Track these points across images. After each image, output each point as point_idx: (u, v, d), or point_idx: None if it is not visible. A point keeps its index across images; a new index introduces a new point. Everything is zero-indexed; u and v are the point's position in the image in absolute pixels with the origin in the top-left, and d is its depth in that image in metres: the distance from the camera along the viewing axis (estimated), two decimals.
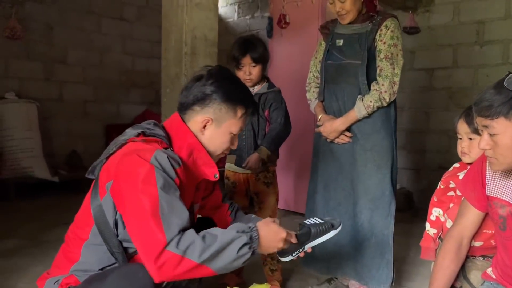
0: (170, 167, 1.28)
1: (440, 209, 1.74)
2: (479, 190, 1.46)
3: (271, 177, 2.39)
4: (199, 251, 1.17)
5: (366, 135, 2.10)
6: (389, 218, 2.10)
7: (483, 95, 1.26)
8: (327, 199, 2.22)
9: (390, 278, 2.10)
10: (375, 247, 2.09)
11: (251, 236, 1.26)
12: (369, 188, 2.10)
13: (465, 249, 1.53)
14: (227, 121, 1.45)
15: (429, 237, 1.78)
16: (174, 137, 1.43)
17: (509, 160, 1.26)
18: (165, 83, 2.62)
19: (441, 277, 1.48)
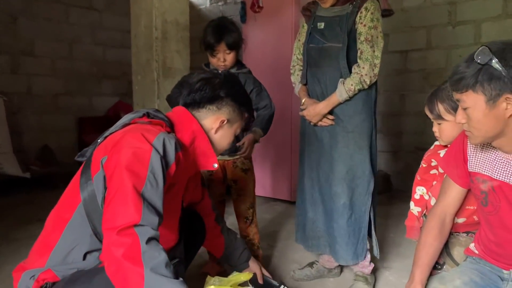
0: (172, 149, 1.27)
1: (424, 187, 1.72)
2: (461, 167, 1.45)
3: (248, 164, 2.36)
4: (157, 266, 1.08)
5: (348, 117, 2.11)
6: (367, 196, 2.14)
7: (455, 68, 1.26)
8: (314, 180, 2.24)
9: (365, 252, 2.14)
10: (355, 222, 2.13)
11: None
12: (351, 168, 2.12)
13: (448, 226, 1.51)
14: (236, 122, 1.57)
15: (413, 216, 1.76)
16: (177, 124, 1.45)
17: (483, 133, 1.25)
18: (136, 70, 2.54)
19: (425, 254, 1.46)
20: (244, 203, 2.40)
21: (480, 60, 1.19)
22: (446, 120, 1.62)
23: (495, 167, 1.34)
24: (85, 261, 1.28)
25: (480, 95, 1.20)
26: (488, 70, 1.18)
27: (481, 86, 1.19)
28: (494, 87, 1.18)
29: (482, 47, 1.20)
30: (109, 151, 1.23)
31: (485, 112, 1.21)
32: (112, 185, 1.16)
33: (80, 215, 1.26)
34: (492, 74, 1.18)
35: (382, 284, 2.29)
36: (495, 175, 1.34)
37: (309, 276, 2.33)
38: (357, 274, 2.24)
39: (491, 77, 1.18)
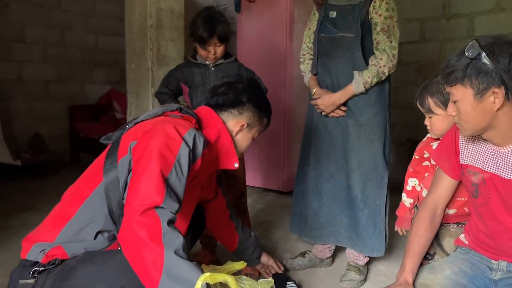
0: (200, 145, 1.32)
1: (416, 179, 1.75)
2: (453, 159, 1.46)
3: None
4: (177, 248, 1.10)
5: (360, 110, 2.10)
6: (381, 190, 2.12)
7: (447, 62, 1.28)
8: (320, 170, 2.23)
9: (383, 246, 2.14)
10: (369, 217, 2.12)
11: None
12: (362, 162, 2.11)
13: (439, 218, 1.54)
14: (255, 127, 1.64)
15: (405, 207, 1.79)
16: (204, 121, 1.52)
17: (472, 126, 1.27)
18: (130, 58, 2.52)
19: (416, 245, 1.48)
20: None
21: (470, 54, 1.20)
22: (436, 114, 1.64)
23: (486, 159, 1.36)
24: (96, 241, 1.30)
25: (468, 89, 1.22)
26: (476, 64, 1.20)
27: (469, 80, 1.21)
28: (481, 81, 1.20)
29: (472, 41, 1.22)
30: (140, 136, 1.28)
31: (473, 105, 1.23)
32: (140, 166, 1.21)
33: (99, 194, 1.30)
34: (480, 68, 1.20)
35: (373, 273, 2.32)
36: (485, 167, 1.36)
37: (301, 265, 2.35)
38: (350, 264, 2.26)
39: (479, 71, 1.20)
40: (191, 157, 1.27)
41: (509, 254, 1.38)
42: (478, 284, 1.41)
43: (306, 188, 2.29)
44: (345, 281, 2.17)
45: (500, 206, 1.35)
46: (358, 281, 2.18)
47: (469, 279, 1.42)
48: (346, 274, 2.21)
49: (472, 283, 1.41)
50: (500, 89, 1.19)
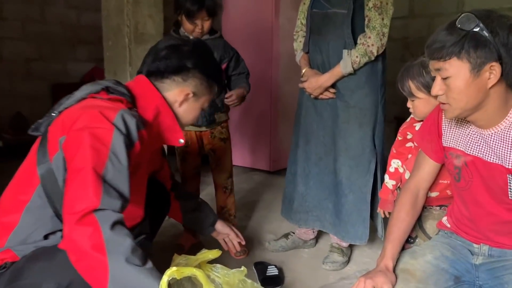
0: (134, 129, 1.18)
1: (399, 160, 1.70)
2: (435, 141, 1.42)
3: (226, 133, 2.33)
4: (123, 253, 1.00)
5: (349, 91, 2.02)
6: (368, 176, 2.06)
7: (435, 37, 1.20)
8: (308, 153, 2.18)
9: (366, 235, 2.09)
10: (353, 204, 2.07)
11: None
12: (350, 146, 2.05)
13: (421, 201, 1.50)
14: (204, 96, 1.47)
15: (387, 189, 1.75)
16: (139, 97, 1.35)
17: (462, 105, 1.21)
18: (107, 36, 2.42)
19: (397, 229, 1.44)
20: (223, 173, 2.37)
21: (465, 27, 1.13)
22: (418, 97, 1.59)
23: (469, 142, 1.32)
24: (47, 241, 1.21)
25: (465, 63, 1.15)
26: (474, 37, 1.13)
27: (467, 53, 1.14)
28: (479, 55, 1.13)
29: (465, 13, 1.15)
30: (67, 130, 1.14)
31: (468, 81, 1.16)
32: (72, 167, 1.09)
33: (39, 197, 1.19)
34: (479, 40, 1.13)
35: (356, 254, 2.31)
36: (468, 150, 1.32)
37: (284, 247, 2.33)
38: (333, 245, 2.24)
39: (477, 44, 1.13)
40: (127, 143, 1.14)
41: (491, 238, 1.35)
42: (459, 268, 1.39)
43: (295, 170, 2.25)
44: (327, 263, 2.15)
45: (483, 189, 1.31)
46: (341, 262, 2.16)
47: (450, 263, 1.39)
48: (329, 256, 2.19)
49: (453, 267, 1.38)
50: (497, 64, 1.13)
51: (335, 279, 2.06)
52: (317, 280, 2.04)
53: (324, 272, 2.12)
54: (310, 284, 1.99)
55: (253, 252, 2.31)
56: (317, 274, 2.10)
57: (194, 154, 2.30)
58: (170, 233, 2.50)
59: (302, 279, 2.05)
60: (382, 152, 2.09)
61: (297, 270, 2.13)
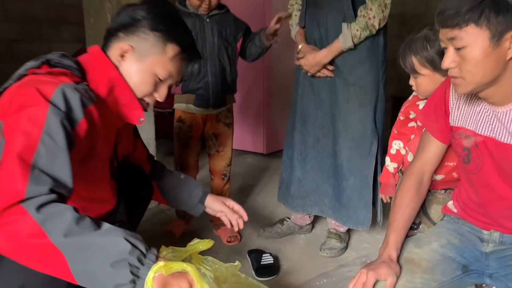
0: (78, 105, 1.01)
1: (401, 141, 1.59)
2: (441, 120, 1.30)
3: (231, 117, 2.21)
4: (65, 229, 0.86)
5: (349, 68, 1.89)
6: (369, 158, 1.95)
7: (447, 3, 1.07)
8: (305, 135, 2.06)
9: (368, 219, 1.99)
10: (354, 187, 1.97)
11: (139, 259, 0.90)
12: (350, 127, 1.93)
13: (426, 185, 1.39)
14: (151, 56, 1.18)
15: (388, 173, 1.64)
16: (90, 70, 1.16)
17: (478, 78, 1.09)
18: (88, 12, 2.27)
19: (400, 216, 1.34)
20: (224, 160, 2.24)
21: None
22: (421, 74, 1.47)
23: (480, 121, 1.21)
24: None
25: (484, 30, 1.03)
26: (494, 1, 1.01)
27: (486, 19, 1.02)
28: (500, 21, 1.01)
29: None
30: (5, 114, 1.00)
31: (487, 51, 1.04)
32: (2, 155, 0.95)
33: None
34: (500, 5, 1.01)
35: (355, 240, 2.22)
36: (479, 129, 1.21)
37: (279, 233, 2.23)
38: (330, 231, 2.15)
39: (498, 9, 1.01)
40: (66, 122, 0.98)
41: (502, 224, 1.25)
42: (467, 257, 1.29)
43: (292, 153, 2.13)
44: (325, 250, 2.06)
45: (494, 173, 1.21)
46: (339, 249, 2.07)
47: (458, 251, 1.29)
48: (326, 242, 2.10)
49: (461, 256, 1.29)
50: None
51: (333, 266, 1.97)
52: (315, 268, 1.95)
53: (321, 260, 2.03)
54: (307, 273, 1.91)
55: (246, 239, 2.21)
56: (314, 262, 2.01)
57: (197, 140, 2.16)
58: (157, 220, 2.39)
59: (299, 267, 1.96)
60: (383, 133, 1.98)
61: (293, 258, 2.04)
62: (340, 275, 1.86)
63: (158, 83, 1.22)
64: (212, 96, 2.02)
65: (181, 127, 2.11)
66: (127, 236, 0.91)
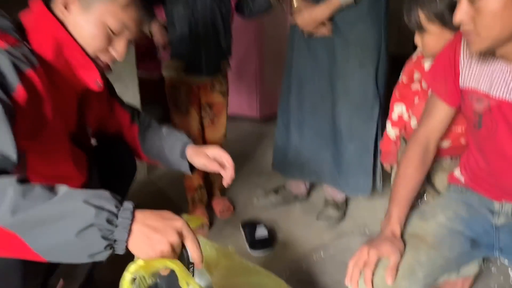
0: (10, 70, 0.87)
1: (403, 105, 1.46)
2: (450, 81, 1.17)
3: (225, 85, 2.02)
4: (10, 205, 0.73)
5: (349, 25, 1.73)
6: (370, 122, 1.84)
7: None
8: (302, 100, 1.93)
9: (368, 186, 1.90)
10: (354, 154, 1.86)
11: (109, 220, 0.77)
12: (350, 89, 1.80)
13: (431, 154, 1.27)
14: (99, 4, 1.01)
15: (390, 139, 1.52)
16: (32, 30, 1.01)
17: (495, 33, 0.95)
18: None
19: (404, 189, 1.23)
20: (219, 131, 2.08)
21: None
22: (429, 31, 1.31)
23: (494, 82, 1.07)
24: None
25: None
26: None
27: None
28: None
29: None
30: None
31: (507, 2, 0.90)
32: None
33: None
34: None
35: (353, 208, 2.13)
36: (493, 92, 1.08)
37: (274, 203, 2.14)
38: (327, 199, 2.05)
39: None
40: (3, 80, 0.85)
41: None
42: (476, 229, 1.19)
43: (288, 119, 2.00)
44: (322, 219, 1.97)
45: (508, 139, 1.09)
46: (337, 218, 1.99)
47: (466, 224, 1.19)
48: (323, 211, 2.01)
49: (469, 228, 1.19)
50: None
51: (330, 237, 1.88)
52: (311, 239, 1.87)
53: (317, 230, 1.95)
54: (304, 245, 1.82)
55: (240, 209, 2.12)
56: (311, 233, 1.92)
57: (197, 106, 1.98)
58: (146, 192, 2.28)
59: (295, 239, 1.87)
60: (384, 96, 1.85)
61: (289, 229, 1.95)
62: (338, 247, 1.78)
63: (112, 37, 1.05)
64: (204, 63, 1.84)
65: (176, 95, 1.92)
66: (88, 198, 0.77)
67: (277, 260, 1.73)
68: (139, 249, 0.79)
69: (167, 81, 1.94)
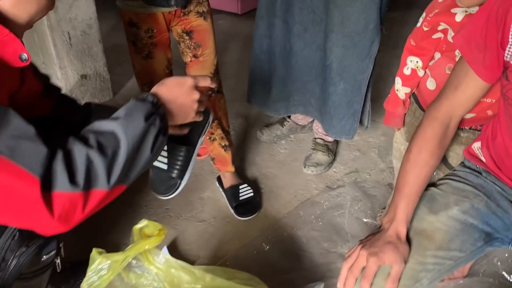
0: None
1: (419, 59, 1.17)
2: (493, 51, 0.88)
3: (206, 5, 1.48)
4: (105, 173, 0.74)
5: None
6: (367, 60, 1.56)
7: None
8: (290, 23, 1.61)
9: (354, 129, 1.70)
10: (343, 94, 1.62)
11: (161, 114, 0.85)
12: (348, 18, 1.48)
13: (451, 134, 1.03)
14: None
15: (397, 99, 1.25)
16: None
17: None
18: None
19: (415, 177, 1.00)
20: (206, 67, 1.55)
21: None
22: None
23: None
24: None
25: None
26: None
27: None
28: None
29: None
30: None
31: None
32: None
33: None
34: None
35: (343, 148, 1.93)
36: None
37: (279, 136, 1.98)
38: (317, 142, 1.84)
39: None
40: None
41: None
42: (493, 224, 1.01)
43: (272, 47, 1.68)
44: (309, 167, 1.78)
45: None
46: (326, 164, 1.79)
47: (482, 218, 1.00)
48: (312, 156, 1.81)
49: (485, 223, 1.00)
50: None
51: (319, 187, 1.70)
52: (297, 191, 1.69)
53: (305, 178, 1.75)
54: (289, 199, 1.65)
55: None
56: (297, 182, 1.74)
57: (165, 46, 1.52)
58: None
59: (279, 192, 1.70)
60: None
61: (273, 179, 1.77)
62: (326, 203, 1.60)
63: None
64: None
65: (136, 33, 1.46)
66: (144, 114, 0.81)
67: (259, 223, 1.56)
68: (179, 118, 0.92)
69: (123, 15, 1.46)
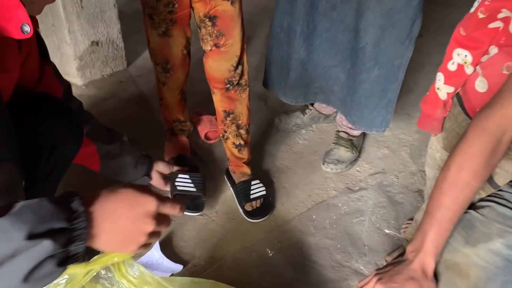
0: None
1: (469, 52, 0.96)
2: None
3: None
4: None
5: None
6: (407, 42, 1.35)
7: None
8: (313, 4, 1.40)
9: (386, 122, 1.51)
10: (377, 82, 1.42)
11: (73, 235, 0.57)
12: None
13: (502, 151, 0.83)
14: None
15: (438, 99, 1.04)
16: None
17: None
18: None
19: (452, 201, 0.81)
20: (227, 60, 1.34)
21: None
22: None
23: None
24: None
25: None
26: None
27: None
28: None
29: None
30: None
31: None
32: None
33: None
34: None
35: (370, 142, 1.73)
36: None
37: (299, 125, 1.80)
38: (340, 135, 1.66)
39: None
40: None
41: None
42: None
43: (292, 26, 1.48)
44: (329, 164, 1.60)
45: None
46: (348, 162, 1.61)
47: None
48: (333, 151, 1.63)
49: None
50: None
51: (337, 189, 1.52)
52: (312, 191, 1.52)
53: (323, 176, 1.58)
54: (302, 199, 1.48)
55: None
56: (313, 180, 1.57)
57: (184, 24, 1.36)
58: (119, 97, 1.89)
59: (292, 191, 1.53)
60: None
61: (287, 174, 1.60)
62: (344, 207, 1.42)
63: None
64: None
65: (154, 6, 1.30)
66: (33, 228, 0.54)
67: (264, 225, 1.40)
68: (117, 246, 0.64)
69: None
